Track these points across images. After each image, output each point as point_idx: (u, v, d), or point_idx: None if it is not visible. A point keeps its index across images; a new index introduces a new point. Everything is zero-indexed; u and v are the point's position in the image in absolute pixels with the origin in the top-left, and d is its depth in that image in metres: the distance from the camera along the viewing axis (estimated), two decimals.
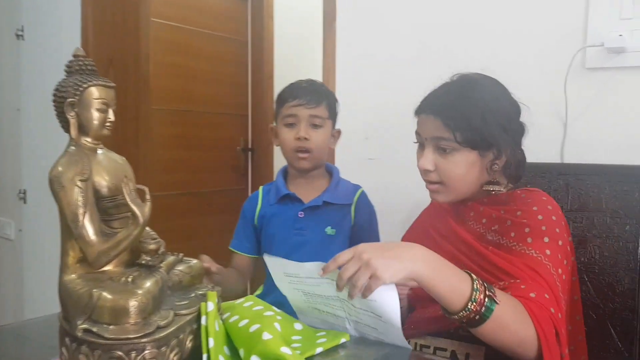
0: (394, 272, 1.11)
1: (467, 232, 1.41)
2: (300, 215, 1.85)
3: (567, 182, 1.66)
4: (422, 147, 1.43)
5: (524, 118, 1.41)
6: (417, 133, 1.45)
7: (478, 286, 1.13)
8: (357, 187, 1.95)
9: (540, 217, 1.33)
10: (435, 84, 1.43)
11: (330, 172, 1.96)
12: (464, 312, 1.12)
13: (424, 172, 1.40)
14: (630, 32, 1.77)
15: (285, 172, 1.96)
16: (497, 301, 1.13)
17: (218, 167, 3.60)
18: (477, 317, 1.12)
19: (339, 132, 1.94)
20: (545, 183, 1.69)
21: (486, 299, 1.12)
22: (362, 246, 1.15)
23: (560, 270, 1.27)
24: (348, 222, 1.88)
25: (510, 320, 1.14)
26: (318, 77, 2.56)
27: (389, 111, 2.33)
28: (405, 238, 1.63)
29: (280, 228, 1.87)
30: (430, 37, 2.22)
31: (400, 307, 1.16)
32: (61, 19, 3.18)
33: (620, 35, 1.76)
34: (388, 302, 1.14)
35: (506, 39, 2.01)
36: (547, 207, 1.35)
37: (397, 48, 2.32)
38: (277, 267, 1.32)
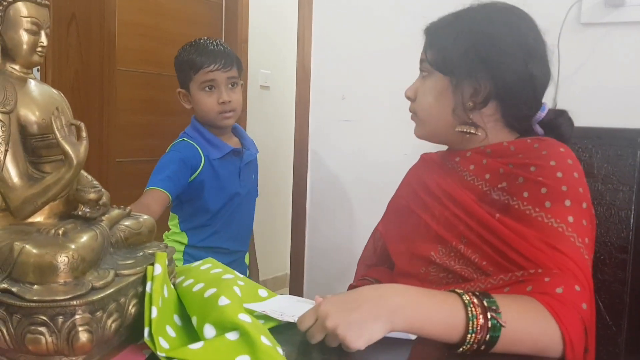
0: (368, 338, 0.88)
1: (466, 189, 1.20)
2: (243, 169, 2.02)
3: None
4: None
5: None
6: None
7: (474, 311, 0.92)
8: (250, 137, 2.15)
9: (559, 174, 1.11)
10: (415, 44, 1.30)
11: (234, 127, 2.07)
12: (465, 345, 0.92)
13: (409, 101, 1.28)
14: None
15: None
16: (502, 323, 0.92)
17: None
18: (483, 346, 0.93)
19: (242, 84, 2.04)
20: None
21: (489, 322, 0.92)
22: (324, 307, 0.91)
23: (587, 240, 1.07)
24: (257, 167, 2.15)
25: (526, 332, 0.95)
26: (293, 30, 2.44)
27: (367, 70, 2.23)
28: (391, 204, 1.44)
29: (227, 181, 1.97)
30: None
31: None
32: None
33: None
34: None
35: None
36: (567, 162, 1.14)
37: (375, 3, 2.21)
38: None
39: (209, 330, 0.88)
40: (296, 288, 2.55)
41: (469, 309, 0.93)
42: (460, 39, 1.17)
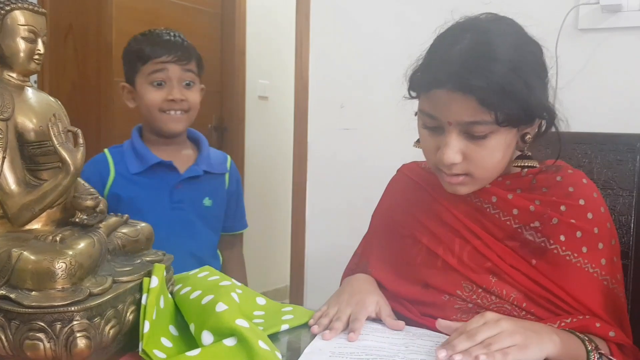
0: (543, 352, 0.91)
1: (491, 224, 1.13)
2: (177, 187, 1.66)
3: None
4: (437, 131, 1.07)
5: None
6: (427, 115, 1.07)
7: (590, 347, 0.97)
8: (224, 154, 1.82)
9: (590, 215, 1.09)
10: (428, 37, 1.09)
11: (196, 139, 1.78)
12: None
13: (449, 166, 1.07)
14: None
15: (140, 136, 1.72)
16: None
17: None
18: None
19: (203, 88, 1.74)
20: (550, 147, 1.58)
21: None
22: (507, 325, 0.92)
23: (618, 276, 1.11)
24: (223, 191, 1.77)
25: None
26: (291, 40, 2.45)
27: (365, 78, 2.24)
28: (381, 226, 1.32)
29: (152, 203, 1.63)
30: None
31: None
32: None
33: None
34: None
35: None
36: (592, 197, 1.12)
37: (373, 8, 2.23)
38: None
39: (206, 337, 0.88)
40: (297, 300, 2.54)
41: (585, 343, 0.97)
42: (529, 85, 1.01)
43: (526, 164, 1.12)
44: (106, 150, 1.69)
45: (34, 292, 0.78)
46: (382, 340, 0.98)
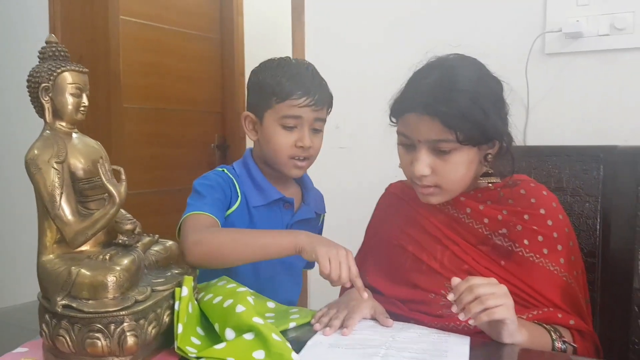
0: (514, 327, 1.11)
1: (465, 231, 1.32)
2: (289, 226, 1.53)
3: (530, 163, 1.69)
4: (410, 148, 1.27)
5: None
6: (402, 134, 1.28)
7: (555, 337, 1.18)
8: (320, 193, 1.70)
9: (549, 222, 1.28)
10: (406, 73, 1.30)
11: None
12: None
13: (419, 178, 1.26)
14: (587, 17, 1.85)
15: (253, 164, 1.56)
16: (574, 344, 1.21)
17: (192, 164, 3.56)
18: None
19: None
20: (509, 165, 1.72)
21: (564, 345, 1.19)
22: (505, 289, 1.12)
23: (575, 273, 1.29)
24: (318, 231, 1.67)
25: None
26: None
27: (359, 99, 2.37)
28: (372, 242, 1.51)
29: None
30: (396, 23, 2.28)
31: None
32: (29, 14, 3.18)
33: (577, 20, 1.84)
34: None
35: (468, 26, 2.08)
36: (552, 206, 1.31)
37: (366, 33, 2.36)
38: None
39: (229, 333, 1.07)
40: (300, 305, 2.66)
41: (550, 332, 1.20)
42: (485, 111, 1.20)
43: (489, 180, 1.33)
44: (226, 171, 1.53)
45: (90, 301, 0.97)
46: (373, 334, 1.17)
